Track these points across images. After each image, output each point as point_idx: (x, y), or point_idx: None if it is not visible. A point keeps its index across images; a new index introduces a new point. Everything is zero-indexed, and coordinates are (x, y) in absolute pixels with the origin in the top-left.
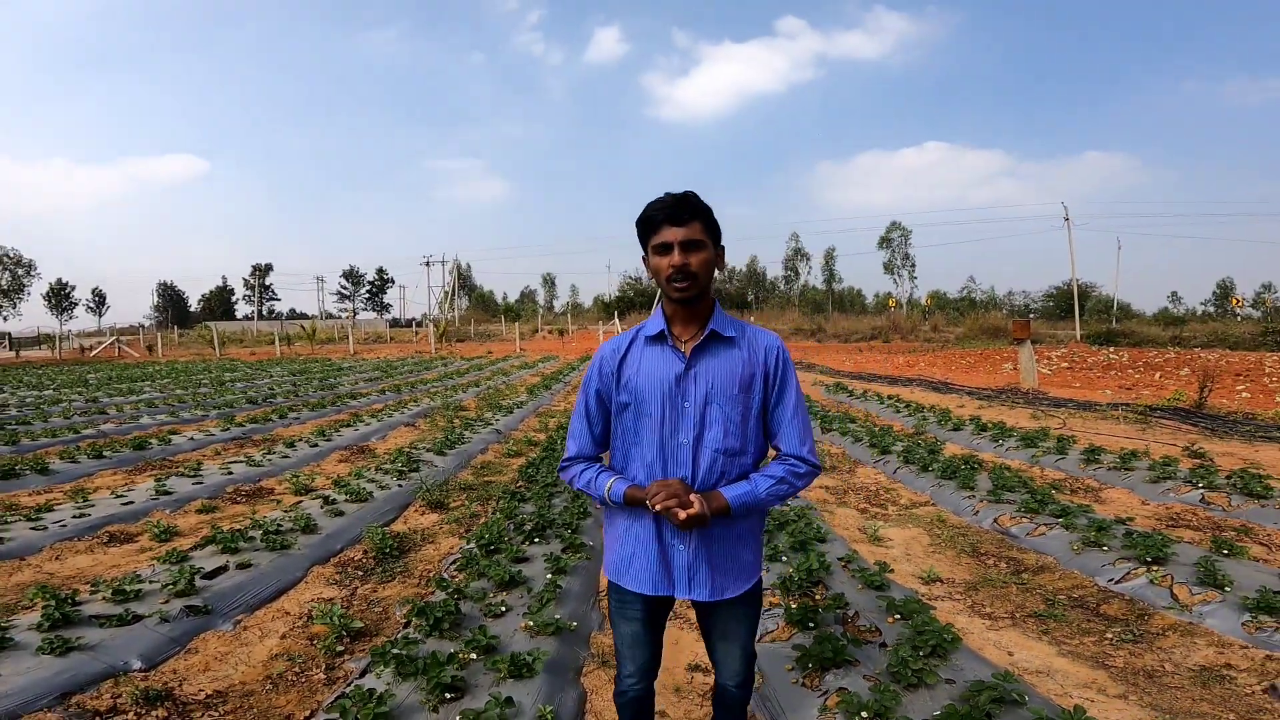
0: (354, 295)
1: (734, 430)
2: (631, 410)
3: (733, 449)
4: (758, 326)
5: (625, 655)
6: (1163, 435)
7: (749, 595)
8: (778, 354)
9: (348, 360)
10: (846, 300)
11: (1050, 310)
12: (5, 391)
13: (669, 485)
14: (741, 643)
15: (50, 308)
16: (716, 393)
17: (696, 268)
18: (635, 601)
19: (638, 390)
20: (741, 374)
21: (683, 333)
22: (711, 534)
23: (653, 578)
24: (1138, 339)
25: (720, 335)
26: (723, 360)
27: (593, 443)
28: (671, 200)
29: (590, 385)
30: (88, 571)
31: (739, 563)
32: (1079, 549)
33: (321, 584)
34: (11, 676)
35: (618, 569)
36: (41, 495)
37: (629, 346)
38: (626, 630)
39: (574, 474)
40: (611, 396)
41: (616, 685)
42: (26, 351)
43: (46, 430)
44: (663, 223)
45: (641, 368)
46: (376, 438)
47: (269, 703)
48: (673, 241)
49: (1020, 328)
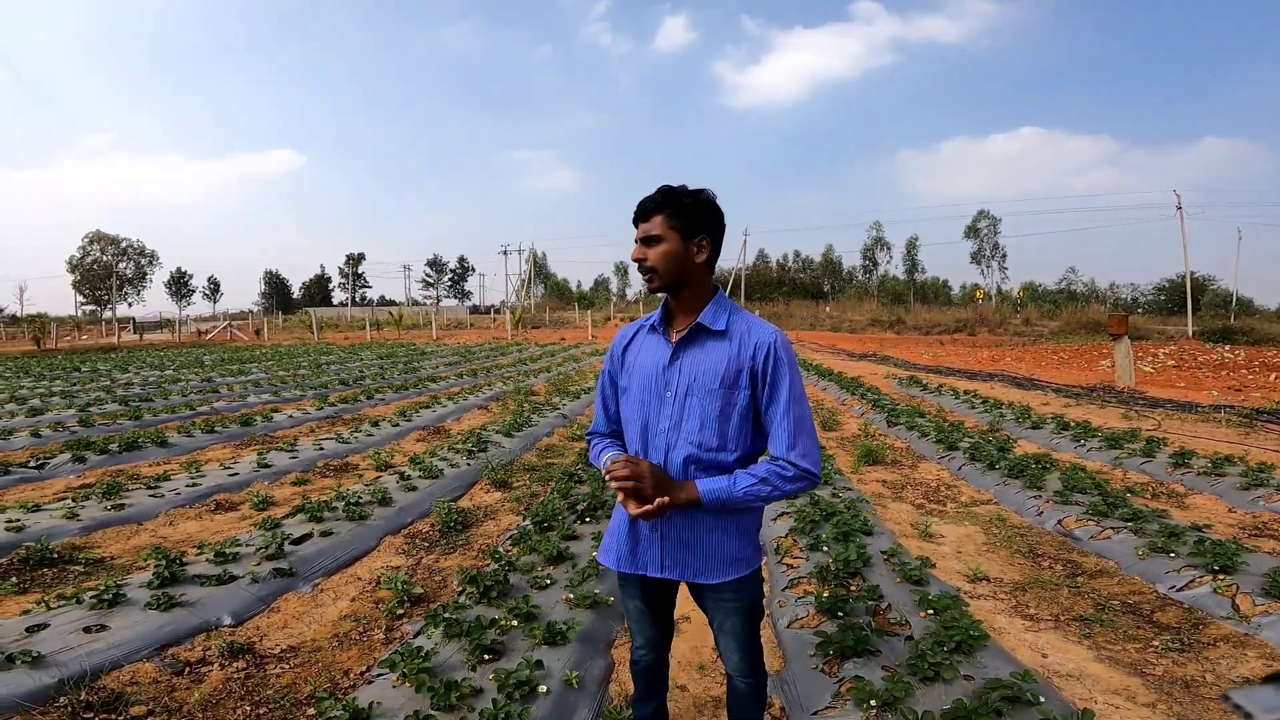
0: (437, 283)
1: (710, 424)
2: (626, 394)
3: (709, 444)
4: (762, 321)
5: (634, 628)
6: (1267, 441)
7: (736, 586)
8: (768, 351)
9: (430, 345)
10: (929, 291)
11: (1161, 305)
12: (130, 371)
13: (637, 466)
14: (737, 636)
15: (171, 294)
16: (697, 385)
17: (654, 261)
18: (630, 581)
19: (632, 376)
20: (725, 370)
21: (680, 324)
22: (682, 523)
23: (619, 554)
24: (1258, 337)
25: (706, 328)
26: (707, 353)
27: (607, 421)
28: (643, 199)
29: (606, 367)
30: (195, 536)
31: (715, 551)
32: (1144, 554)
33: (391, 553)
34: (120, 629)
35: (603, 545)
36: (160, 466)
37: (635, 334)
38: (630, 606)
39: (591, 447)
40: (618, 379)
41: (631, 655)
42: (149, 335)
43: (166, 407)
44: (633, 222)
45: (639, 355)
46: (452, 419)
47: (333, 658)
48: (637, 238)
49: (1117, 322)
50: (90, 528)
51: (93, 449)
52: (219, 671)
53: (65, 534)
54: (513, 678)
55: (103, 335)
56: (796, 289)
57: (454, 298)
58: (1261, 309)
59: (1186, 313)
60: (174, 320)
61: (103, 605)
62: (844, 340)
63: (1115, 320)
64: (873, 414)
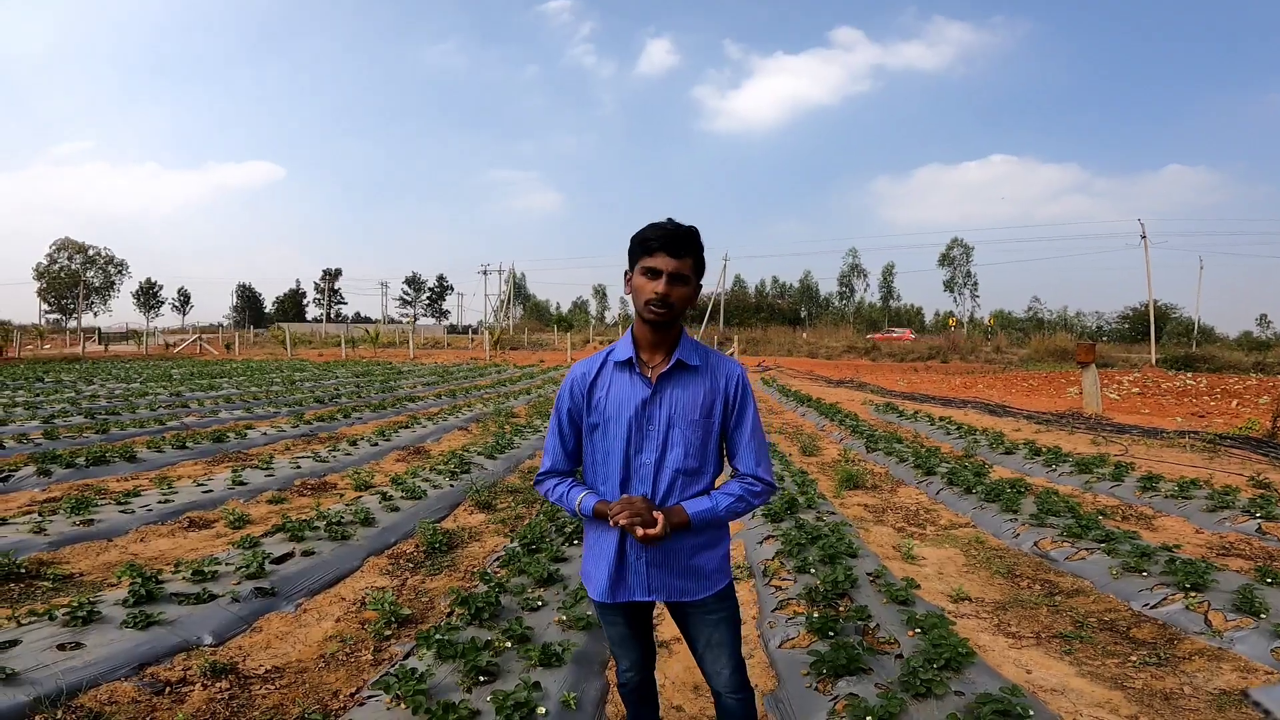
0: (415, 301)
1: (694, 451)
2: (600, 431)
3: (692, 468)
4: (721, 354)
5: (618, 653)
6: (1230, 465)
7: (719, 599)
8: (738, 381)
9: (407, 364)
10: (905, 318)
11: (1125, 332)
12: (95, 383)
13: (633, 504)
14: (726, 646)
15: (139, 305)
16: (679, 418)
17: (675, 300)
18: (611, 609)
19: (606, 413)
20: (703, 401)
21: (650, 358)
22: (669, 546)
23: (608, 587)
24: (1218, 364)
25: (685, 364)
26: (686, 388)
27: (565, 458)
28: (673, 230)
29: (562, 405)
30: (168, 554)
31: (699, 569)
32: (1118, 574)
33: (375, 573)
34: (96, 647)
35: (585, 575)
36: (129, 482)
37: (599, 371)
38: (613, 632)
39: (548, 487)
40: (582, 417)
41: (618, 678)
42: (115, 346)
43: (134, 421)
44: (659, 249)
45: (610, 392)
46: (432, 440)
47: (320, 679)
48: (663, 270)
49: (1084, 351)
50: (58, 543)
51: (59, 462)
52: (201, 692)
53: (33, 549)
54: (511, 699)
55: (67, 345)
56: (774, 315)
57: (431, 317)
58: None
59: (1150, 341)
60: (141, 332)
61: (77, 622)
62: (821, 366)
63: (1083, 349)
64: (852, 439)
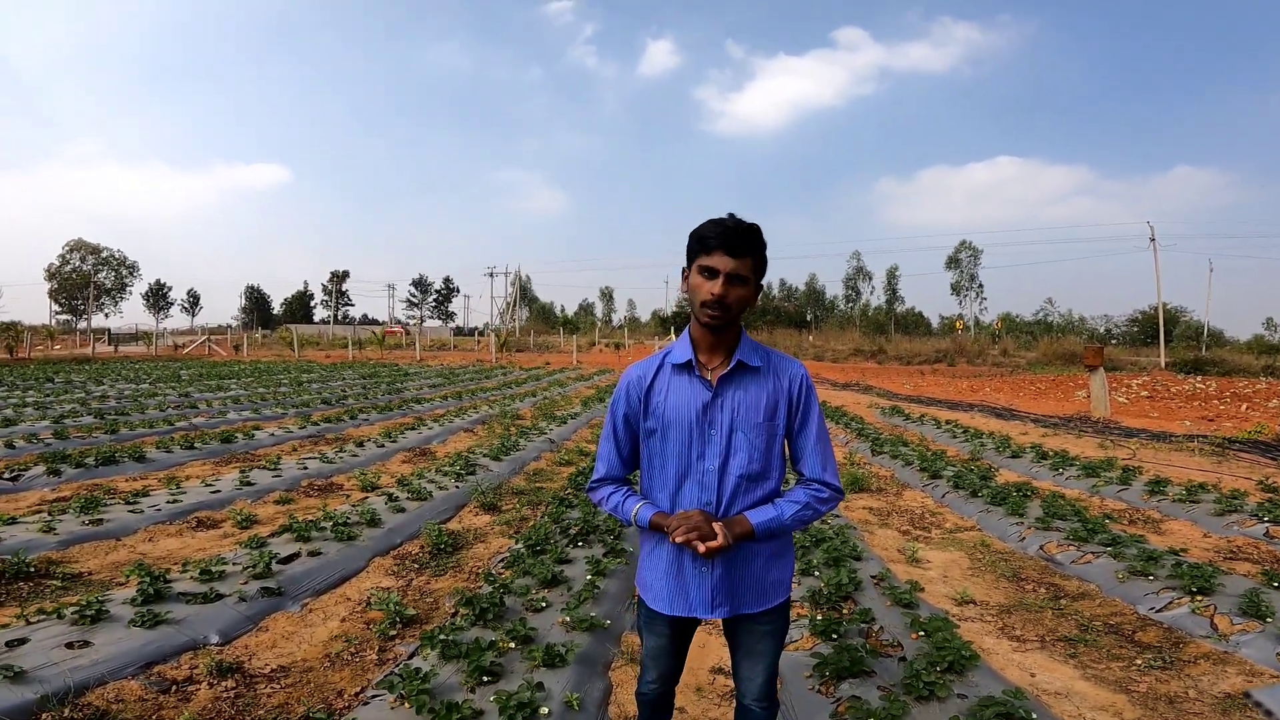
0: (421, 303)
1: (758, 456)
2: (659, 436)
3: (756, 473)
4: (783, 354)
5: (649, 663)
6: (1239, 469)
7: (774, 613)
8: (801, 382)
9: (413, 366)
10: (910, 321)
11: (1134, 335)
12: (105, 384)
13: (690, 518)
14: (766, 661)
15: (148, 306)
16: (742, 421)
17: (732, 302)
18: (661, 619)
19: (665, 418)
20: (766, 403)
21: (709, 360)
22: (735, 558)
23: (670, 598)
24: (1228, 368)
25: (747, 365)
26: (749, 390)
27: (621, 464)
28: (733, 227)
29: (618, 410)
30: (176, 553)
31: (763, 583)
32: (1124, 577)
33: (381, 574)
34: (103, 646)
35: (643, 584)
36: (138, 481)
37: (656, 374)
38: (652, 643)
39: (602, 496)
40: (639, 422)
41: (639, 685)
42: (124, 347)
43: (143, 421)
44: (717, 248)
45: (669, 396)
46: (438, 441)
47: (325, 679)
48: (720, 270)
49: (1092, 354)
50: (68, 542)
51: (68, 462)
52: (208, 690)
53: (42, 548)
54: (514, 699)
55: (77, 345)
56: (781, 318)
57: (438, 318)
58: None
59: (1159, 344)
60: (150, 332)
61: (85, 621)
62: (827, 369)
63: (1091, 352)
64: (858, 443)
